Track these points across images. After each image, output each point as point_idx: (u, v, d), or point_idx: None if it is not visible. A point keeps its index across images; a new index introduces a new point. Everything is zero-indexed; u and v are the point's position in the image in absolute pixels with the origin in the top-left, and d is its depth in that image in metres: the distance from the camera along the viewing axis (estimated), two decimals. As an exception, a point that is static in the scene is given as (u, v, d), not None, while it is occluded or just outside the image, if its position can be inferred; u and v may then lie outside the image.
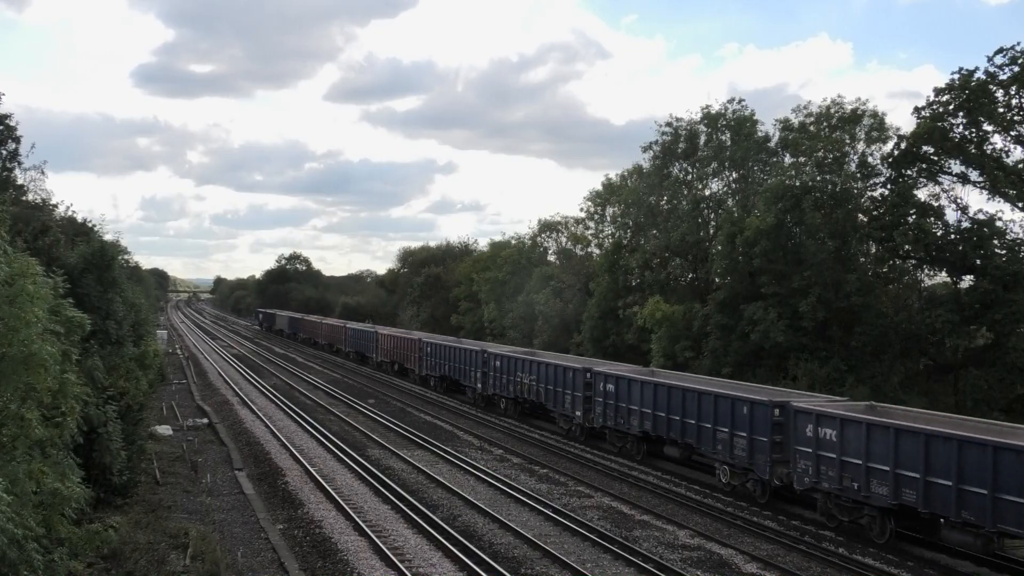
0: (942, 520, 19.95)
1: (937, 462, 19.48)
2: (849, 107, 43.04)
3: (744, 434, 25.40)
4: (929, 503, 19.78)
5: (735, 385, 30.46)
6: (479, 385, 45.32)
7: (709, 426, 26.92)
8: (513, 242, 78.53)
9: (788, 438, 24.04)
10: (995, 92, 35.44)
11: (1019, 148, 36.12)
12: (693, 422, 27.78)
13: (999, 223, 36.04)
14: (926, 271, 40.04)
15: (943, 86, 36.52)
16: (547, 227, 75.17)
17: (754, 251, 40.39)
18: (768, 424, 24.50)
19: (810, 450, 22.86)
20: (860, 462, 21.32)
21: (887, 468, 20.58)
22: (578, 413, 34.91)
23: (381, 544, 20.20)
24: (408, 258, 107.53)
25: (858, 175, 41.67)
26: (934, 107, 36.82)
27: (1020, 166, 35.74)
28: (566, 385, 35.96)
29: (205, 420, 39.78)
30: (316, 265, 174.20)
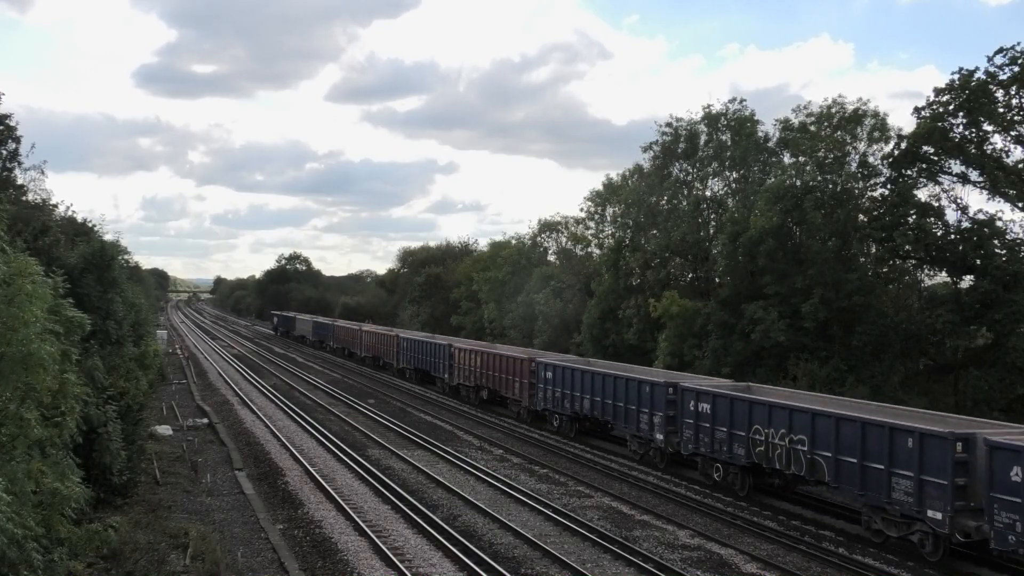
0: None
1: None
2: (850, 107, 43.01)
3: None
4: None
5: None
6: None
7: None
8: (513, 242, 78.52)
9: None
10: (995, 92, 35.41)
11: (1019, 148, 36.12)
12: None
13: (999, 223, 36.03)
14: (926, 271, 40.03)
15: (943, 86, 36.51)
16: (547, 227, 75.18)
17: (757, 250, 40.38)
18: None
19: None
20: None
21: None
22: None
23: (381, 544, 20.20)
24: (408, 258, 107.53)
25: (859, 175, 41.66)
26: (934, 107, 36.80)
27: (1020, 166, 35.72)
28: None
29: (205, 420, 39.78)
30: (316, 265, 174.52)
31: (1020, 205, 35.88)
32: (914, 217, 37.52)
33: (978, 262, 35.63)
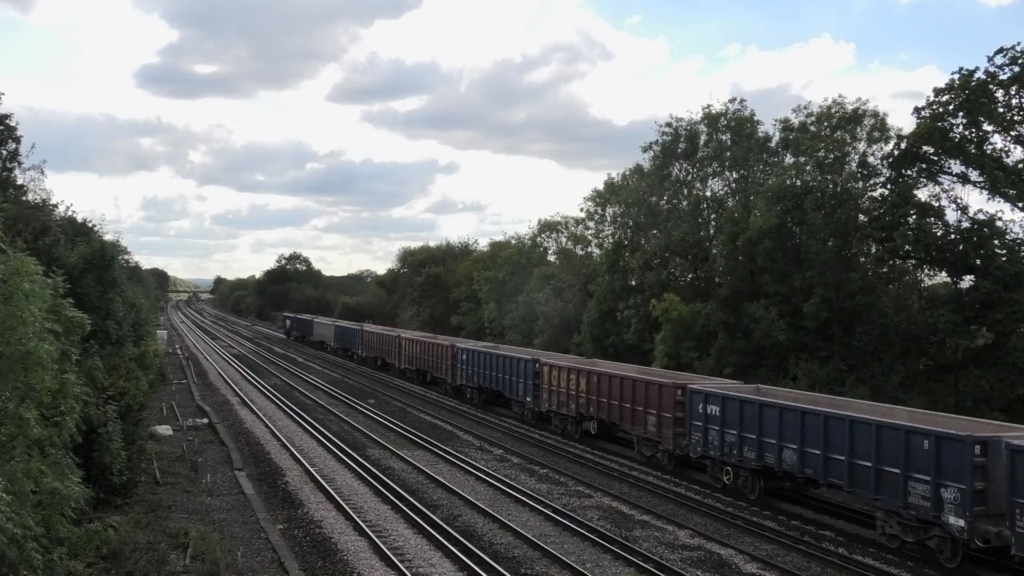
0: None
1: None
2: (850, 107, 43.05)
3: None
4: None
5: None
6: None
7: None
8: (513, 242, 78.53)
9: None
10: (995, 92, 35.44)
11: (1019, 148, 36.15)
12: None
13: (999, 223, 36.06)
14: (926, 271, 40.06)
15: (943, 86, 36.54)
16: (547, 227, 75.16)
17: (757, 250, 40.39)
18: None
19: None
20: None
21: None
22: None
23: (381, 544, 20.20)
24: (408, 258, 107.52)
25: (859, 175, 41.68)
26: (934, 107, 36.82)
27: (1020, 166, 35.72)
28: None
29: (205, 420, 39.78)
30: (316, 265, 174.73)
31: (1020, 205, 35.89)
32: (914, 217, 37.55)
33: (978, 262, 35.64)
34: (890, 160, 38.68)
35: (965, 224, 36.96)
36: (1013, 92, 35.28)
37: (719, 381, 31.18)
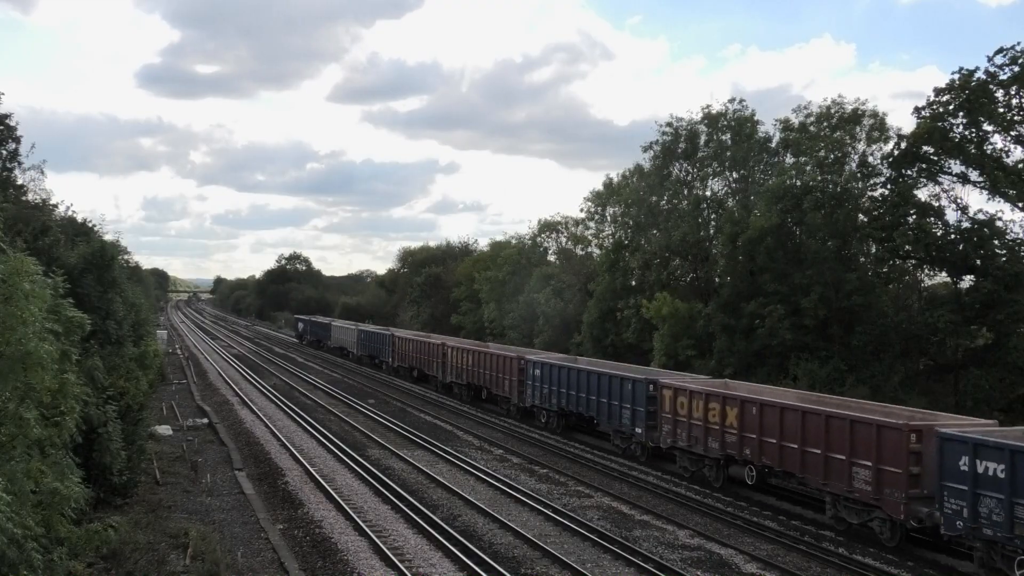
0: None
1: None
2: (849, 107, 43.09)
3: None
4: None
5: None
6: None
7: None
8: (513, 242, 78.59)
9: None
10: (995, 92, 35.45)
11: (1019, 148, 36.16)
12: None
13: (999, 223, 36.07)
14: (926, 271, 40.08)
15: (943, 86, 36.55)
16: (547, 227, 75.23)
17: (757, 250, 40.41)
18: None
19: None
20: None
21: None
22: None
23: (381, 544, 20.20)
24: (408, 258, 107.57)
25: (858, 175, 41.70)
26: (934, 107, 36.83)
27: (1020, 166, 35.73)
28: None
29: (205, 420, 39.78)
30: (316, 265, 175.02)
31: (1020, 205, 35.89)
32: (914, 217, 37.56)
33: (978, 262, 35.65)
34: (890, 160, 38.69)
35: (965, 224, 36.97)
36: (1013, 92, 35.28)
37: (973, 421, 22.21)
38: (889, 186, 39.05)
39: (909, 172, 38.09)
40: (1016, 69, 34.74)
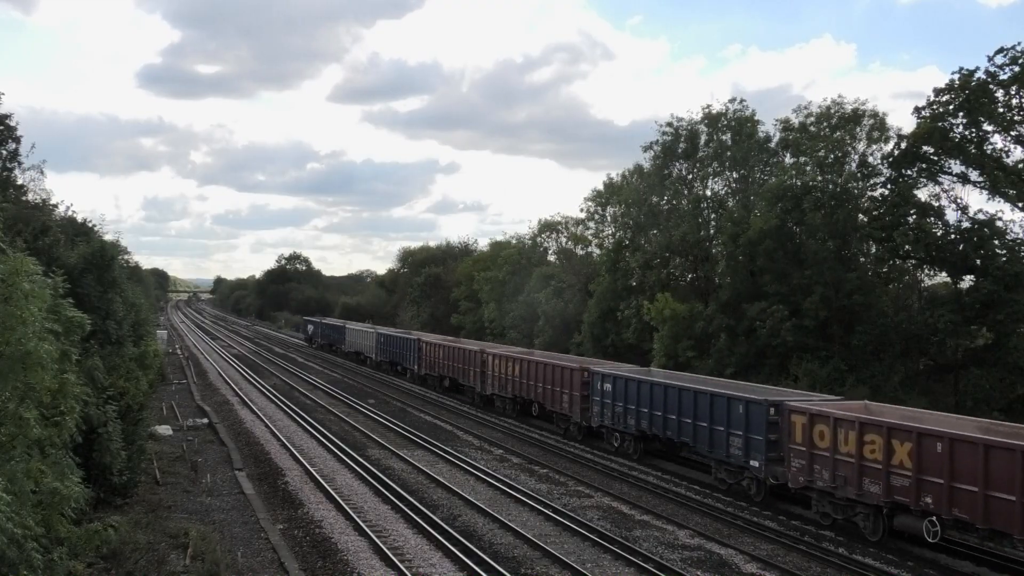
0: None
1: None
2: (849, 107, 43.08)
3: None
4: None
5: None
6: None
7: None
8: (513, 242, 78.60)
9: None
10: (995, 92, 35.45)
11: (1019, 148, 36.17)
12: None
13: (999, 223, 36.07)
14: (926, 271, 40.07)
15: (943, 86, 36.54)
16: (547, 227, 75.24)
17: (758, 250, 40.42)
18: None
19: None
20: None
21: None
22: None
23: (381, 544, 20.19)
24: (408, 258, 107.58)
25: (858, 175, 41.70)
26: (934, 107, 36.82)
27: (1020, 166, 35.74)
28: None
29: (205, 420, 39.77)
30: (316, 265, 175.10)
31: (1020, 205, 35.90)
32: (914, 217, 37.57)
33: (978, 262, 35.65)
34: (890, 160, 38.69)
35: (965, 224, 36.98)
36: (1013, 92, 35.28)
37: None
38: (889, 186, 39.06)
39: (909, 172, 38.09)
40: (1016, 69, 34.74)
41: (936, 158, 37.58)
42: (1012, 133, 35.85)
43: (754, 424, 25.23)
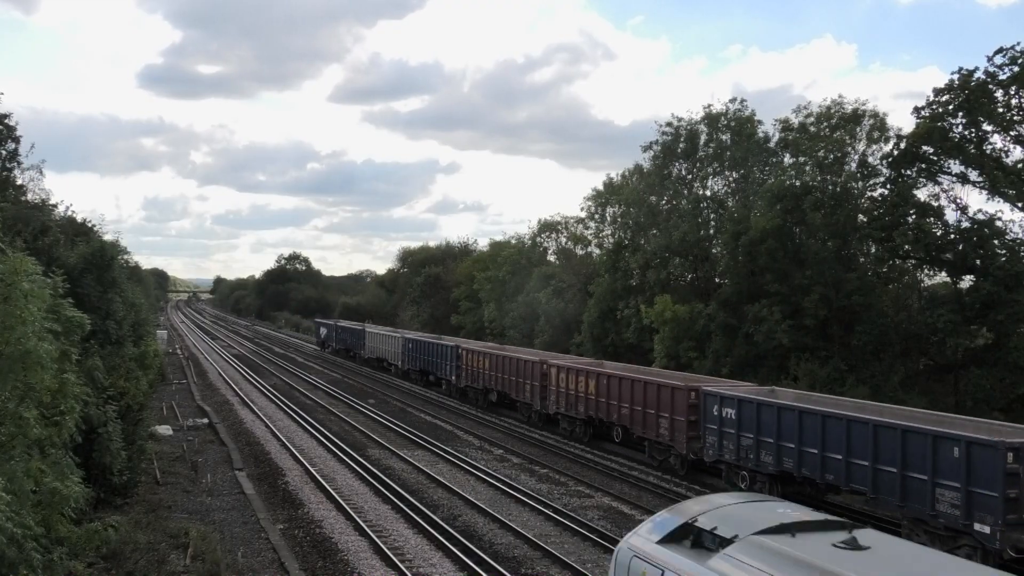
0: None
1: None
2: (849, 107, 43.05)
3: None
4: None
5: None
6: None
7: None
8: (513, 242, 78.57)
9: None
10: (995, 92, 35.40)
11: (1019, 148, 36.11)
12: None
13: (999, 223, 36.03)
14: (926, 271, 40.03)
15: (943, 86, 36.52)
16: (547, 227, 75.21)
17: (758, 251, 40.40)
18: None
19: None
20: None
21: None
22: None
23: (381, 544, 20.20)
24: (408, 258, 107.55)
25: (858, 175, 41.68)
26: (934, 107, 36.79)
27: (1020, 166, 35.71)
28: None
29: (205, 420, 39.78)
30: (316, 265, 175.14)
31: (1020, 205, 35.87)
32: (914, 217, 37.52)
33: (978, 262, 35.63)
34: (890, 160, 38.66)
35: (965, 224, 36.94)
36: (1013, 92, 35.25)
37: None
38: (889, 186, 39.02)
39: (909, 172, 38.06)
40: (1016, 69, 34.71)
41: (936, 158, 37.54)
42: (1012, 133, 35.82)
43: (978, 473, 18.39)
